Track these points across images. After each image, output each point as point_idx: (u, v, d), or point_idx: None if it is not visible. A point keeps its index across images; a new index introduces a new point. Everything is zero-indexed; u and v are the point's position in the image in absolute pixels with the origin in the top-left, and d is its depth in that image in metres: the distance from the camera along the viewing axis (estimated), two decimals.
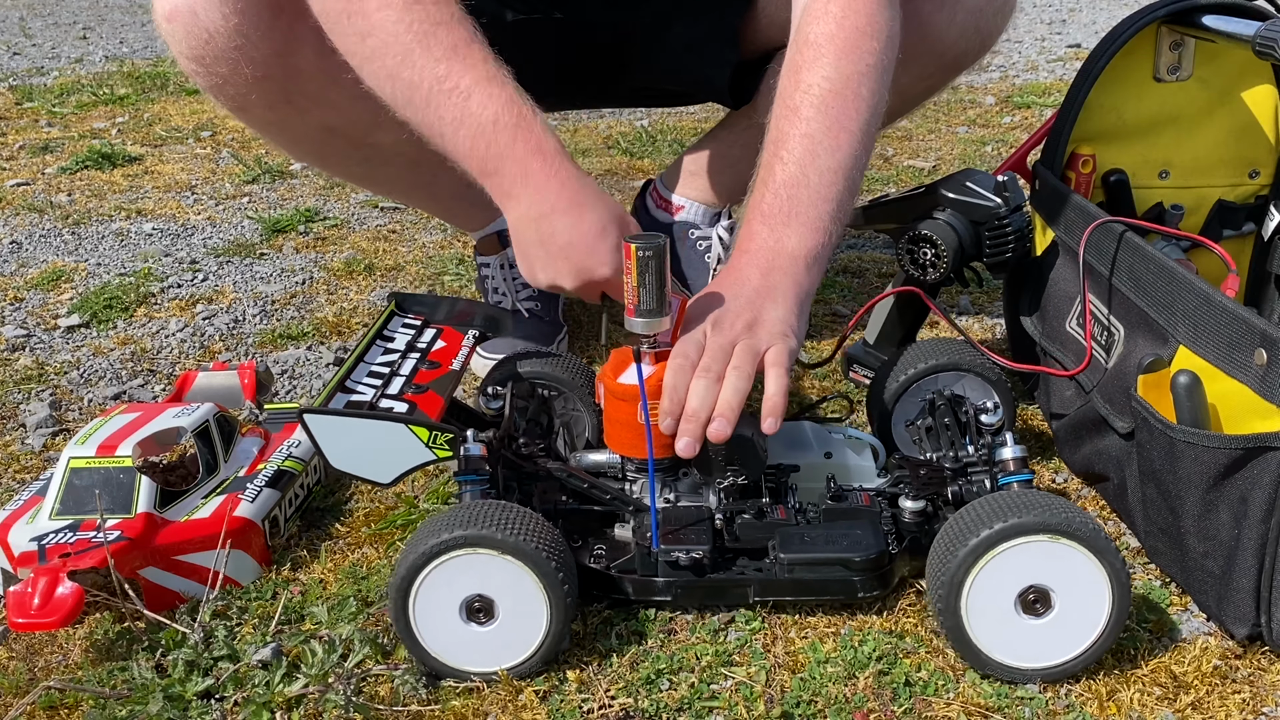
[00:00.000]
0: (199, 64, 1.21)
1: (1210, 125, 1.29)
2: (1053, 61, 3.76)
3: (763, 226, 1.06)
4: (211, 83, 1.23)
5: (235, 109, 1.29)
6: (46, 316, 1.75)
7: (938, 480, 1.01)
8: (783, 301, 1.03)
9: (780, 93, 1.10)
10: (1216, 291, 0.92)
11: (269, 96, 1.25)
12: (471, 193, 1.51)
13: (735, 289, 1.04)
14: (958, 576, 0.86)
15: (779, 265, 1.04)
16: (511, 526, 0.87)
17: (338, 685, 0.85)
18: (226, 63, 1.20)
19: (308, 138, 1.35)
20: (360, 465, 0.96)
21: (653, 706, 0.87)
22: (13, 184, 2.55)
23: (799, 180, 1.05)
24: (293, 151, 1.42)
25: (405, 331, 1.13)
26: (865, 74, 1.07)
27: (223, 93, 1.25)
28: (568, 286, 1.06)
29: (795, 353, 1.02)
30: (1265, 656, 0.91)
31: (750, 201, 1.09)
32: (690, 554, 0.94)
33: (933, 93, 1.45)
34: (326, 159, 1.42)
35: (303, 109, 1.28)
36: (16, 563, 0.98)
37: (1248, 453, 0.85)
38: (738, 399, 0.96)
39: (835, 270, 1.87)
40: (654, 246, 0.96)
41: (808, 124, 1.06)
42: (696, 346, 0.99)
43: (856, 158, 1.07)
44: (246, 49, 1.18)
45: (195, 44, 1.19)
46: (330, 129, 1.32)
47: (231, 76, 1.21)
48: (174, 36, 1.20)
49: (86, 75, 4.06)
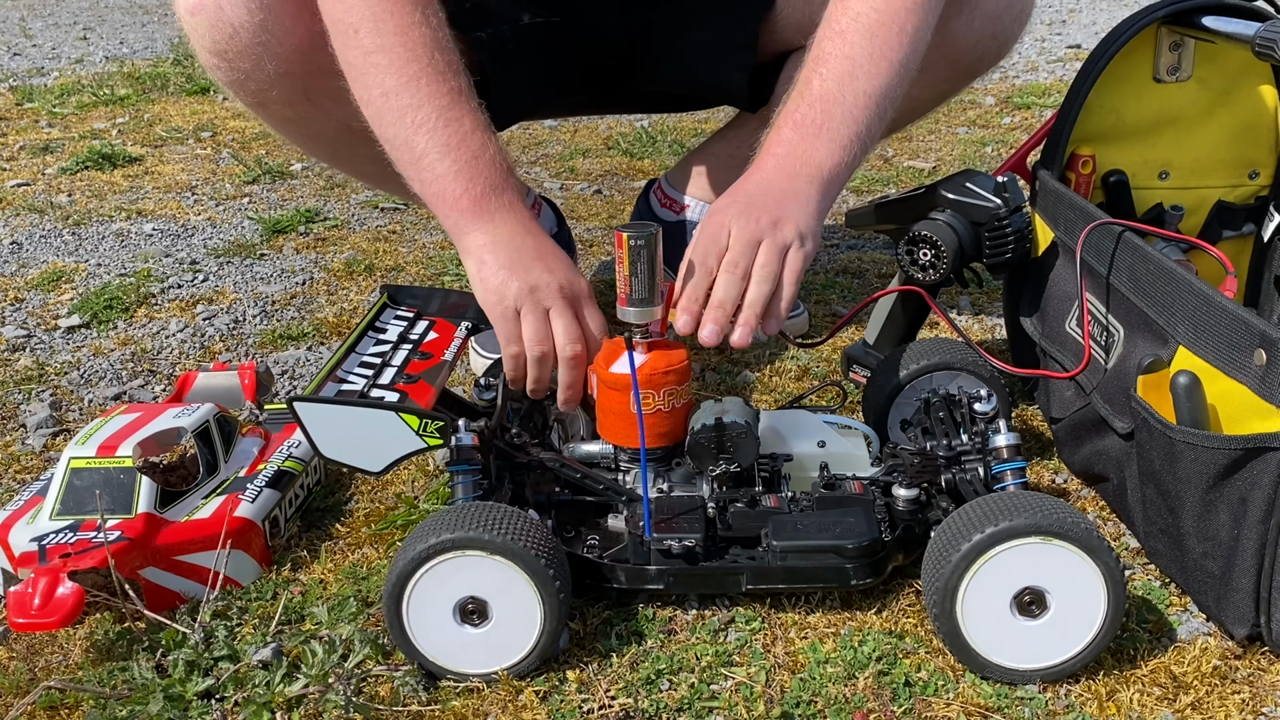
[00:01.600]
0: (221, 58, 1.21)
1: (1210, 126, 1.29)
2: (1052, 62, 3.76)
3: (794, 134, 1.08)
4: (233, 78, 1.23)
5: (255, 105, 1.28)
6: (47, 317, 1.75)
7: (931, 469, 1.01)
8: (806, 205, 1.04)
9: (827, 17, 1.12)
10: (1216, 292, 0.92)
11: (289, 93, 1.25)
12: None
13: (762, 187, 1.05)
14: (952, 581, 0.86)
15: (805, 173, 1.06)
16: (500, 527, 0.87)
17: (338, 685, 0.85)
18: (250, 58, 1.20)
19: (324, 135, 1.35)
20: (350, 454, 0.96)
21: (653, 706, 0.87)
22: (13, 184, 2.56)
23: (835, 97, 1.08)
24: (307, 148, 1.42)
25: (398, 323, 1.13)
26: (912, 9, 1.10)
27: (243, 88, 1.24)
28: (554, 284, 1.04)
29: (811, 257, 1.04)
30: (1265, 657, 0.91)
31: (783, 110, 1.11)
32: (683, 542, 0.94)
33: (946, 98, 1.45)
34: (340, 157, 1.42)
35: (322, 106, 1.28)
36: (17, 563, 0.98)
37: (1247, 453, 0.85)
38: (762, 302, 0.98)
39: (835, 270, 1.87)
40: (646, 235, 0.96)
41: (851, 47, 1.09)
42: (719, 237, 1.00)
43: (891, 88, 1.09)
44: (270, 44, 1.18)
45: (219, 38, 1.19)
46: (347, 127, 1.31)
47: (254, 72, 1.21)
48: (197, 30, 1.20)
49: (87, 75, 4.07)
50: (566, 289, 1.03)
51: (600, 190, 2.43)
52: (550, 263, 1.05)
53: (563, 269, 1.05)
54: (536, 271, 1.03)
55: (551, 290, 1.02)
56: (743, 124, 1.53)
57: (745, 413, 1.00)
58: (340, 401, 0.95)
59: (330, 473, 1.23)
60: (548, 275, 1.03)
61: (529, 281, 1.02)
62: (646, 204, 1.64)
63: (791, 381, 1.43)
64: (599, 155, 2.74)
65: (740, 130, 1.53)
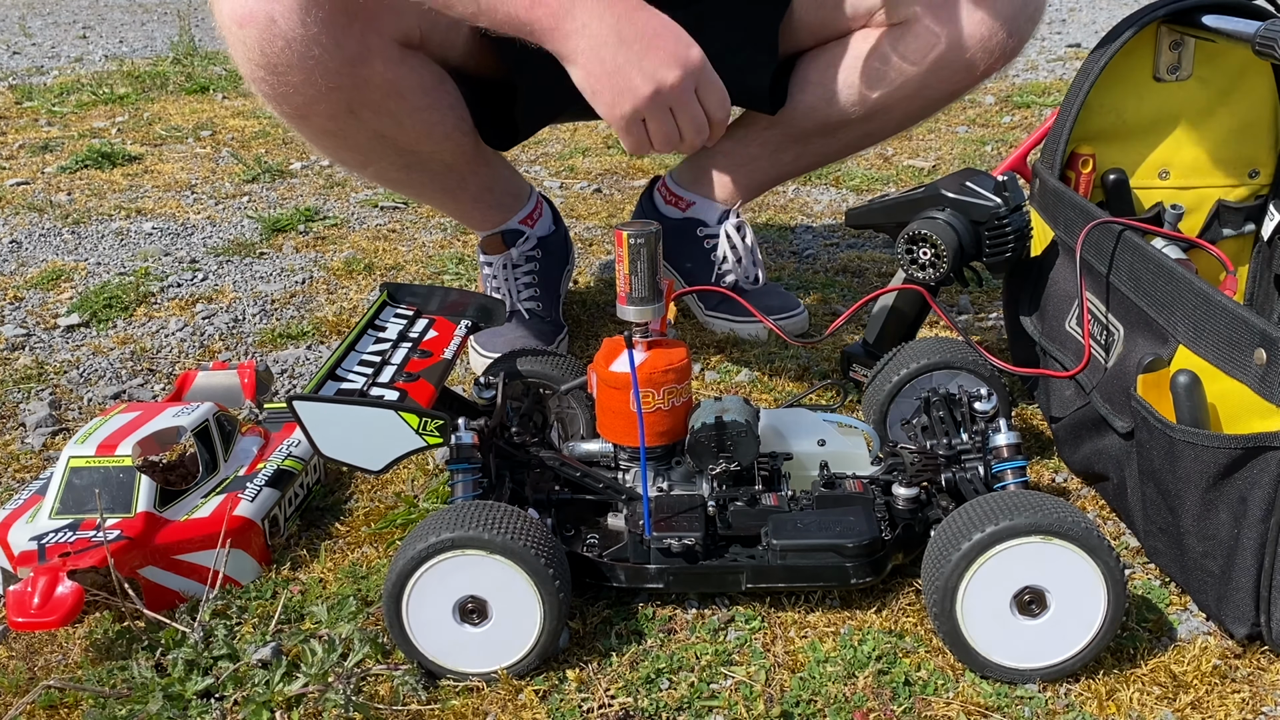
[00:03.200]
0: (270, 71, 1.18)
1: (1210, 125, 1.29)
2: (1052, 61, 3.76)
3: None
4: (280, 90, 1.21)
5: (295, 117, 1.26)
6: (46, 316, 1.75)
7: (931, 468, 1.01)
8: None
9: None
10: (1216, 291, 0.92)
11: (334, 107, 1.23)
12: (492, 195, 1.53)
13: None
14: (952, 580, 0.86)
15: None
16: (500, 526, 0.87)
17: (337, 684, 0.85)
18: (300, 71, 1.18)
19: (360, 146, 1.34)
20: (350, 453, 0.96)
21: (652, 706, 0.87)
22: (12, 183, 2.55)
23: None
24: (338, 157, 1.39)
25: (397, 321, 1.13)
26: None
27: (288, 100, 1.22)
28: (670, 78, 1.02)
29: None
30: (1264, 656, 0.91)
31: None
32: (683, 541, 0.94)
33: (956, 97, 1.45)
34: (369, 165, 1.41)
35: (362, 118, 1.27)
36: (16, 562, 0.98)
37: (1247, 452, 0.85)
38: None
39: (835, 269, 1.87)
40: (646, 234, 0.96)
41: None
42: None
43: None
44: (322, 58, 1.17)
45: (271, 51, 1.16)
46: (382, 136, 1.31)
47: (303, 85, 1.19)
48: (245, 42, 1.17)
49: (86, 74, 4.06)
50: (685, 78, 1.02)
51: (600, 189, 2.43)
52: (659, 49, 1.01)
53: (672, 50, 1.01)
54: (650, 67, 1.01)
55: (671, 88, 1.02)
56: (749, 123, 1.53)
57: (745, 411, 1.00)
58: (340, 400, 0.95)
59: (330, 472, 1.22)
60: (663, 70, 1.01)
61: (646, 88, 1.01)
62: (650, 201, 1.64)
63: (791, 380, 1.43)
64: (599, 154, 2.74)
65: (748, 128, 1.53)
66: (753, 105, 1.49)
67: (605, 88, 1.01)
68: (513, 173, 1.57)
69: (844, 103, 1.42)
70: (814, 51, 1.45)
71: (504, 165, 1.54)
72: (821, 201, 2.31)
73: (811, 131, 1.48)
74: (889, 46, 1.37)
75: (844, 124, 1.46)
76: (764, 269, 1.63)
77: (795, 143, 1.50)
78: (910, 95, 1.40)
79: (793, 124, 1.47)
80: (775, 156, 1.53)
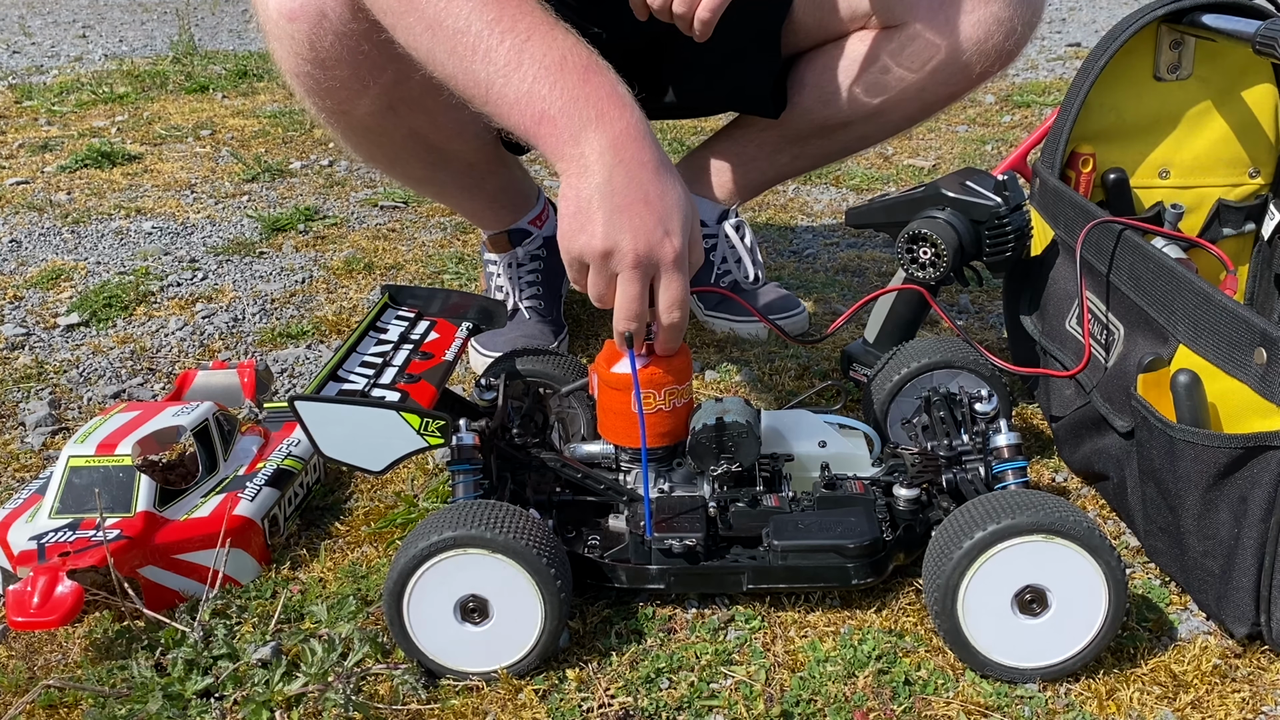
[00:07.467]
0: (318, 66, 1.17)
1: (1210, 124, 1.29)
2: (1052, 60, 3.76)
3: None
4: (326, 85, 1.19)
5: (336, 113, 1.25)
6: (46, 315, 1.75)
7: (932, 468, 1.01)
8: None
9: None
10: (1216, 290, 0.92)
11: (376, 103, 1.22)
12: (506, 195, 1.54)
13: None
14: (953, 579, 0.86)
15: None
16: (502, 525, 0.87)
17: (337, 684, 0.85)
18: (348, 65, 1.16)
19: (394, 143, 1.33)
20: (351, 453, 0.96)
21: (652, 705, 0.87)
22: (12, 182, 2.55)
23: None
24: (369, 153, 1.37)
25: (399, 323, 1.13)
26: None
27: (332, 95, 1.21)
28: (628, 249, 0.91)
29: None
30: (1265, 655, 0.91)
31: None
32: (684, 541, 0.94)
33: (955, 99, 1.45)
34: (396, 163, 1.39)
35: (401, 114, 1.26)
36: (16, 561, 0.98)
37: (1247, 452, 0.85)
38: None
39: (835, 268, 1.87)
40: None
41: None
42: None
43: None
44: (371, 53, 1.15)
45: (320, 46, 1.15)
46: (416, 134, 1.31)
47: (350, 80, 1.18)
48: (294, 37, 1.15)
49: (86, 74, 4.06)
50: (642, 261, 0.91)
51: None
52: (637, 216, 0.91)
53: (649, 227, 0.91)
54: (616, 226, 0.91)
55: (621, 258, 0.91)
56: (747, 124, 1.53)
57: (746, 412, 1.00)
58: (341, 400, 0.95)
59: (330, 471, 1.22)
60: (627, 239, 0.91)
61: (599, 243, 0.91)
62: None
63: (791, 381, 1.43)
64: None
65: (745, 129, 1.53)
66: (755, 110, 1.49)
67: (569, 216, 0.92)
68: (525, 175, 1.58)
69: (841, 105, 1.42)
70: (811, 53, 1.44)
71: (518, 167, 1.56)
72: (821, 201, 2.31)
73: (809, 133, 1.48)
74: (886, 49, 1.37)
75: (841, 126, 1.46)
76: (764, 268, 1.63)
77: (793, 144, 1.50)
78: (908, 98, 1.40)
79: (790, 125, 1.48)
80: (773, 157, 1.53)
